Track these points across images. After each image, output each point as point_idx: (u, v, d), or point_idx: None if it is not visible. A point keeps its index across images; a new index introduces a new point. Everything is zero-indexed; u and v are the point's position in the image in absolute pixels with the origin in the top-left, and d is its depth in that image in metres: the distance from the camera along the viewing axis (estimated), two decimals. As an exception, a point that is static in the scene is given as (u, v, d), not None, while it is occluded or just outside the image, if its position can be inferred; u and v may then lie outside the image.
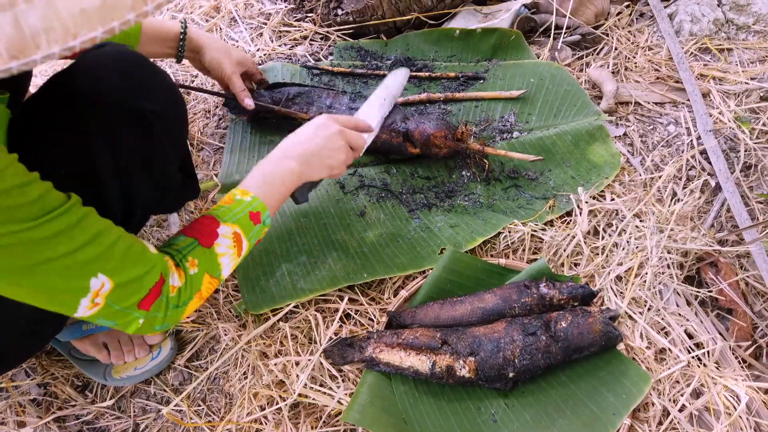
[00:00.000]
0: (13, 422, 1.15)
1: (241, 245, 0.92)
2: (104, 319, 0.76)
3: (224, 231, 0.89)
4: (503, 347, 1.05)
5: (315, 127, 1.08)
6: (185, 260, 0.85)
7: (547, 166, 1.43)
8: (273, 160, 1.02)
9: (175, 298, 0.82)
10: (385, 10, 1.64)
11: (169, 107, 0.97)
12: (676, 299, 1.19)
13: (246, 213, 0.92)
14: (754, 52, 1.64)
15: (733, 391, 1.05)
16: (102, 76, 0.86)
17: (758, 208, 1.34)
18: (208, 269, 0.87)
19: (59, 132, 0.82)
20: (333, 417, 1.09)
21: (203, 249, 0.87)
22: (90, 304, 0.72)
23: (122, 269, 0.74)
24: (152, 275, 0.78)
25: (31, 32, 0.45)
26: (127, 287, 0.75)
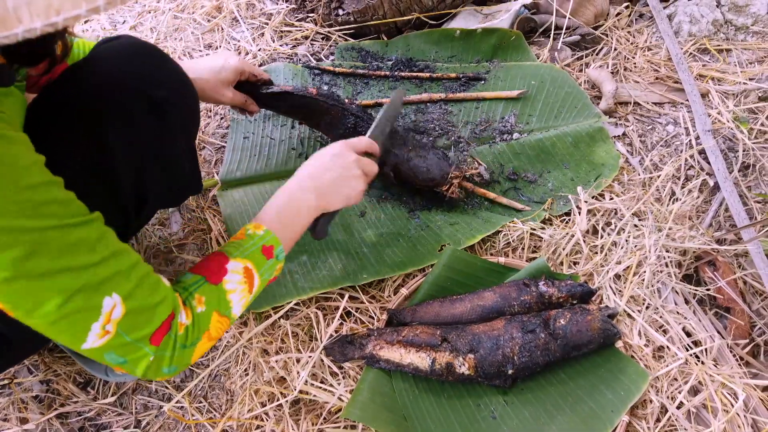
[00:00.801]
0: (16, 418, 1.15)
1: (252, 281, 0.87)
2: (114, 353, 0.73)
3: (234, 267, 0.85)
4: (502, 345, 1.06)
5: (332, 156, 1.04)
6: (192, 298, 0.81)
7: (546, 168, 1.44)
8: (288, 192, 0.98)
9: (182, 337, 0.78)
10: (386, 11, 1.65)
11: (183, 96, 0.97)
12: (674, 297, 1.19)
13: (258, 247, 0.89)
14: (753, 53, 1.64)
15: (730, 389, 1.06)
16: (118, 66, 0.87)
17: (756, 208, 1.35)
18: (216, 307, 0.83)
19: (75, 120, 0.82)
20: (333, 414, 1.10)
21: (211, 286, 0.83)
22: (101, 332, 0.69)
23: (137, 294, 0.72)
24: (165, 306, 0.75)
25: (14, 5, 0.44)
26: (140, 315, 0.72)
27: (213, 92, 1.22)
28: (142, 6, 1.88)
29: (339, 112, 1.31)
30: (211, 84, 1.21)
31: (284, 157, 1.46)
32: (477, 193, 1.37)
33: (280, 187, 0.99)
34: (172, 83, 0.94)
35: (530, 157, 1.46)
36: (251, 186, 1.41)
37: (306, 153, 1.47)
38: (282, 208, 0.96)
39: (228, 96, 1.24)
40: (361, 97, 1.57)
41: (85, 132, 0.83)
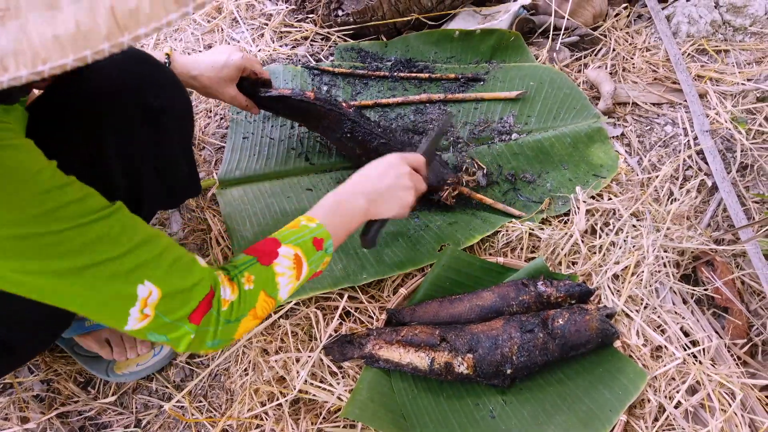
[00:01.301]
0: (17, 418, 1.16)
1: (301, 268, 0.89)
2: (155, 333, 0.74)
3: (285, 252, 0.87)
4: (501, 344, 1.06)
5: (387, 165, 1.06)
6: (241, 275, 0.83)
7: (545, 169, 1.44)
8: (342, 193, 1.00)
9: (227, 312, 0.79)
10: (385, 11, 1.66)
11: (178, 104, 0.98)
12: (672, 297, 1.20)
13: (310, 238, 0.90)
14: (751, 54, 1.65)
15: (728, 388, 1.07)
16: (113, 74, 0.88)
17: (754, 208, 1.36)
18: (264, 287, 0.84)
19: (71, 128, 0.83)
20: (333, 413, 1.11)
21: (261, 266, 0.85)
22: (140, 315, 0.71)
23: (170, 279, 0.72)
24: (201, 287, 0.76)
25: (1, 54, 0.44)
26: (176, 298, 0.73)
27: (215, 89, 1.23)
28: (142, 6, 1.88)
29: (336, 117, 1.31)
30: (213, 81, 1.22)
31: (284, 157, 1.47)
32: (474, 198, 1.38)
33: (333, 189, 1.02)
34: (167, 91, 0.95)
35: (529, 157, 1.46)
36: (250, 185, 1.41)
37: (306, 152, 1.47)
38: (334, 208, 0.98)
39: (230, 94, 1.25)
40: (360, 97, 1.58)
41: (80, 139, 0.83)
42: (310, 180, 1.43)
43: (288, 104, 1.32)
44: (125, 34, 0.46)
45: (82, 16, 0.45)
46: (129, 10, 0.46)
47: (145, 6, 0.46)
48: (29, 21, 0.44)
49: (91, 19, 0.45)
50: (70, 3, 0.45)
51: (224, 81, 1.23)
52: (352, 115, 1.32)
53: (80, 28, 0.45)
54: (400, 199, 1.05)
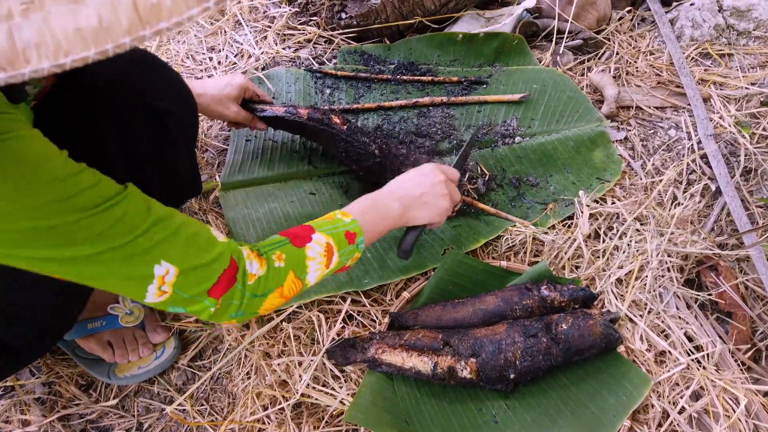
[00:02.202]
0: (18, 420, 1.16)
1: (331, 257, 0.90)
2: (175, 306, 0.76)
3: (318, 238, 0.88)
4: (504, 349, 1.06)
5: (422, 174, 1.08)
6: (272, 252, 0.84)
7: (548, 172, 1.44)
8: (378, 196, 1.03)
9: (253, 287, 0.80)
10: (389, 14, 1.65)
11: (182, 106, 0.99)
12: (676, 302, 1.19)
13: (343, 230, 0.92)
14: (755, 58, 1.65)
15: (732, 394, 1.06)
16: (117, 75, 0.88)
17: (758, 212, 1.35)
18: (294, 267, 0.85)
19: (75, 128, 0.83)
20: (335, 417, 1.10)
21: (293, 247, 0.86)
22: (158, 292, 0.72)
23: (186, 256, 0.73)
24: (221, 262, 0.76)
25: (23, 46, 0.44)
26: (193, 274, 0.74)
27: (218, 106, 1.26)
28: (145, 9, 1.88)
29: (329, 136, 1.32)
30: (216, 99, 1.26)
31: (287, 160, 1.46)
32: (476, 208, 1.37)
33: (369, 193, 1.03)
34: (172, 93, 0.95)
35: (532, 160, 1.46)
36: (253, 188, 1.41)
37: (309, 156, 1.47)
38: (370, 208, 0.99)
39: (233, 110, 1.28)
40: (363, 100, 1.58)
41: (85, 139, 0.83)
42: (314, 184, 1.43)
43: (284, 122, 1.35)
44: (147, 29, 0.47)
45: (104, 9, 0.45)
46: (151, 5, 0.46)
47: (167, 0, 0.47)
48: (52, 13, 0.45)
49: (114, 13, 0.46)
50: None
51: (228, 98, 1.27)
52: (344, 134, 1.32)
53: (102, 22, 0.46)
54: (436, 207, 1.07)
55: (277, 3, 1.83)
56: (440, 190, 1.07)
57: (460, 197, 1.16)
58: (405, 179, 1.07)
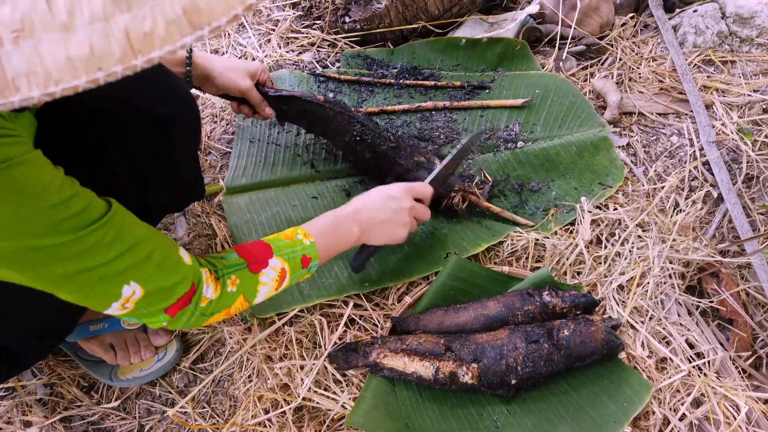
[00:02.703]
0: (20, 421, 1.16)
1: (283, 281, 0.94)
2: (131, 317, 0.78)
3: (274, 264, 0.91)
4: (506, 354, 1.06)
5: (389, 197, 1.09)
6: (228, 277, 0.86)
7: (550, 177, 1.44)
8: (340, 216, 1.05)
9: (204, 308, 0.83)
10: (392, 19, 1.66)
11: (185, 112, 0.99)
12: (677, 309, 1.20)
13: (300, 255, 0.94)
14: (757, 65, 1.65)
15: (733, 401, 1.06)
16: (121, 82, 0.88)
17: (760, 220, 1.36)
18: (245, 292, 0.89)
19: (77, 137, 0.84)
20: (336, 421, 1.11)
21: (249, 273, 0.89)
22: (120, 308, 0.74)
23: (155, 278, 0.75)
24: (183, 285, 0.79)
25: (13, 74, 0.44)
26: (157, 295, 0.76)
27: (232, 73, 1.26)
28: (150, 11, 1.89)
29: (345, 120, 1.32)
30: (231, 66, 1.26)
31: (290, 164, 1.47)
32: (481, 207, 1.37)
33: (334, 209, 1.06)
34: (174, 98, 0.96)
35: (534, 165, 1.46)
36: (256, 192, 1.41)
37: (311, 160, 1.47)
38: (329, 229, 1.02)
39: (246, 82, 1.28)
40: (366, 104, 1.58)
41: (89, 146, 0.84)
42: (316, 188, 1.43)
43: (297, 106, 1.33)
44: (139, 57, 0.46)
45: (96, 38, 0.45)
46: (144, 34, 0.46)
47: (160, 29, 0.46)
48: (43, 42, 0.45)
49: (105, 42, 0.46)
50: (84, 25, 0.45)
51: (244, 71, 1.27)
52: (361, 118, 1.33)
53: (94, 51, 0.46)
54: (392, 233, 1.10)
55: (281, 6, 1.84)
56: (402, 219, 1.09)
57: (428, 216, 1.18)
58: (371, 200, 1.08)
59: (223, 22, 0.48)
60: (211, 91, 1.29)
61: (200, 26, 0.47)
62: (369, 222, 1.06)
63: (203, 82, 1.26)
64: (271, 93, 1.31)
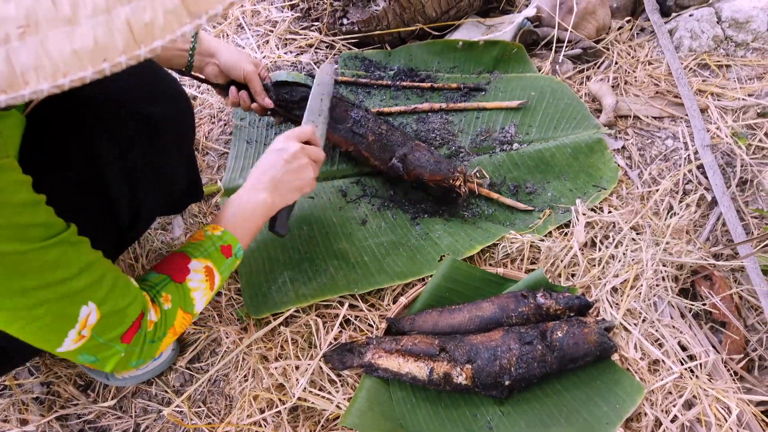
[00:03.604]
0: (16, 420, 1.16)
1: (213, 279, 0.93)
2: (87, 354, 0.76)
3: (195, 266, 0.90)
4: (500, 355, 1.07)
5: (276, 152, 1.08)
6: (159, 296, 0.86)
7: (545, 179, 1.45)
8: (243, 194, 1.03)
9: (151, 333, 0.82)
10: (390, 21, 1.67)
11: (177, 112, 0.99)
12: (670, 311, 1.21)
13: (217, 247, 0.94)
14: (752, 69, 1.66)
15: (724, 403, 1.07)
16: (110, 82, 0.88)
17: (753, 223, 1.37)
18: (181, 304, 0.88)
19: (68, 136, 0.84)
20: (331, 421, 1.11)
21: (176, 285, 0.88)
22: (76, 337, 0.73)
23: (110, 299, 0.75)
24: (135, 307, 0.79)
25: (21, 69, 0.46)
26: (113, 317, 0.75)
27: (238, 59, 1.26)
28: (148, 11, 1.89)
29: (345, 107, 1.37)
30: (234, 56, 1.26)
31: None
32: (481, 194, 1.40)
33: (236, 192, 1.04)
34: (167, 99, 0.95)
35: (530, 167, 1.47)
36: (253, 193, 1.42)
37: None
38: (238, 209, 1.01)
39: (250, 67, 1.28)
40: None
41: (78, 146, 0.84)
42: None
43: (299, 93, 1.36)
44: (141, 47, 0.48)
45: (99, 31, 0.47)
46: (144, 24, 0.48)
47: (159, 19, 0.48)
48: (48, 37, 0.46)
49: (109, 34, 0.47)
50: (87, 18, 0.46)
51: (244, 58, 1.27)
52: (360, 105, 1.38)
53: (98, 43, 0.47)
54: (300, 180, 1.08)
55: (279, 8, 1.84)
56: (299, 162, 1.08)
57: (323, 156, 1.16)
58: (261, 165, 1.07)
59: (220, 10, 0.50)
60: (210, 74, 1.28)
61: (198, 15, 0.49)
62: (272, 184, 1.05)
63: (205, 62, 1.25)
64: (275, 80, 1.34)
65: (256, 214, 1.03)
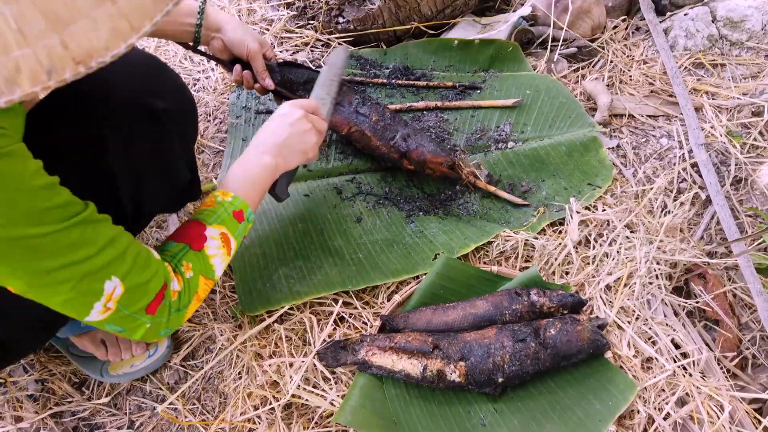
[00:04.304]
0: (11, 417, 1.17)
1: (229, 244, 0.94)
2: (114, 324, 0.78)
3: (212, 233, 0.91)
4: (493, 353, 1.07)
5: (280, 116, 1.10)
6: (180, 265, 0.87)
7: (540, 177, 1.46)
8: (248, 158, 1.04)
9: (176, 303, 0.84)
10: (386, 19, 1.67)
11: (180, 106, 0.99)
12: (663, 309, 1.21)
13: (230, 213, 0.95)
14: (747, 68, 1.67)
15: (717, 401, 1.08)
16: (114, 76, 0.89)
17: (747, 222, 1.37)
18: (202, 271, 0.89)
19: (72, 130, 0.84)
20: (325, 418, 1.11)
21: (195, 253, 0.89)
22: (102, 309, 0.75)
23: (133, 273, 0.76)
24: (157, 280, 0.80)
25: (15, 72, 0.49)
26: (136, 291, 0.77)
27: (242, 37, 1.27)
28: (144, 9, 1.89)
29: (350, 91, 1.41)
30: (241, 31, 1.27)
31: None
32: (478, 186, 1.41)
33: (241, 155, 1.05)
34: (171, 93, 0.96)
35: (525, 165, 1.48)
36: (248, 190, 1.42)
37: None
38: (245, 173, 1.02)
39: (255, 46, 1.28)
40: (358, 104, 1.59)
41: (83, 140, 0.84)
42: (308, 186, 1.44)
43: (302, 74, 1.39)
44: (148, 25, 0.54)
45: None
46: None
47: None
48: None
49: None
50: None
51: (249, 36, 1.27)
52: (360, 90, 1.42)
53: None
54: (303, 144, 1.10)
55: (275, 6, 1.84)
56: (302, 126, 1.09)
57: (325, 126, 1.18)
58: (265, 128, 1.09)
59: None
60: (215, 49, 1.28)
61: None
62: (277, 147, 1.06)
63: (211, 36, 1.25)
64: (279, 61, 1.36)
65: (262, 177, 1.04)
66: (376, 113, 1.39)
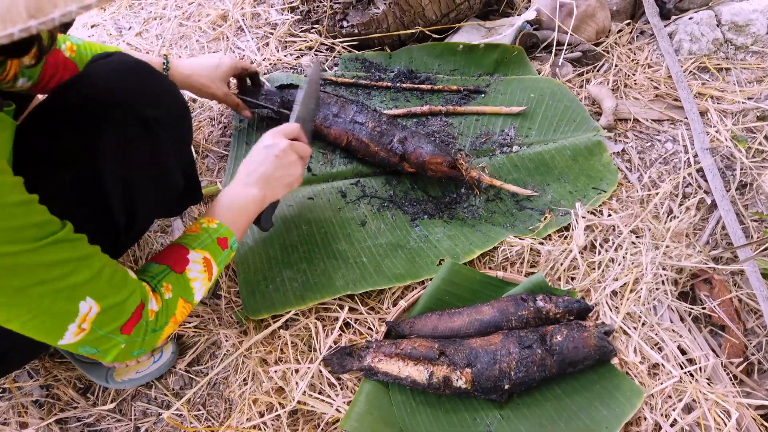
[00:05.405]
0: (16, 423, 1.16)
1: (211, 270, 0.94)
2: (88, 346, 0.77)
3: (194, 257, 0.92)
4: (499, 359, 1.07)
5: (265, 147, 1.10)
6: (160, 285, 0.86)
7: (545, 181, 1.45)
8: (236, 188, 1.05)
9: (153, 323, 0.83)
10: (390, 23, 1.67)
11: (174, 115, 0.99)
12: (670, 315, 1.21)
13: (214, 239, 0.95)
14: (752, 72, 1.66)
15: (723, 407, 1.07)
16: (108, 84, 0.89)
17: (753, 227, 1.37)
18: (182, 294, 0.89)
19: (65, 138, 0.84)
20: (331, 424, 1.11)
21: (176, 275, 0.89)
22: (77, 330, 0.73)
23: (108, 293, 0.75)
24: (133, 300, 0.79)
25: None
26: (111, 311, 0.76)
27: (209, 87, 1.34)
28: (148, 12, 1.90)
29: (343, 102, 1.44)
30: (207, 79, 1.34)
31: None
32: (483, 181, 1.40)
33: (227, 186, 1.07)
34: (164, 101, 0.96)
35: (530, 169, 1.47)
36: (253, 195, 1.42)
37: (308, 164, 1.48)
38: (231, 204, 1.03)
39: (223, 91, 1.36)
40: (363, 108, 1.59)
41: (75, 149, 0.84)
42: (312, 189, 1.44)
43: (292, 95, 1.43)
44: None
45: None
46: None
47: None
48: None
49: None
50: None
51: (218, 80, 1.35)
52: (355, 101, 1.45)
53: None
54: (289, 176, 1.12)
55: (279, 10, 1.84)
56: (289, 159, 1.11)
57: (309, 151, 1.19)
58: (252, 160, 1.10)
59: None
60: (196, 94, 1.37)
61: None
62: (263, 178, 1.07)
63: (186, 84, 1.33)
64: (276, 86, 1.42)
65: (248, 209, 1.05)
66: (373, 120, 1.41)
